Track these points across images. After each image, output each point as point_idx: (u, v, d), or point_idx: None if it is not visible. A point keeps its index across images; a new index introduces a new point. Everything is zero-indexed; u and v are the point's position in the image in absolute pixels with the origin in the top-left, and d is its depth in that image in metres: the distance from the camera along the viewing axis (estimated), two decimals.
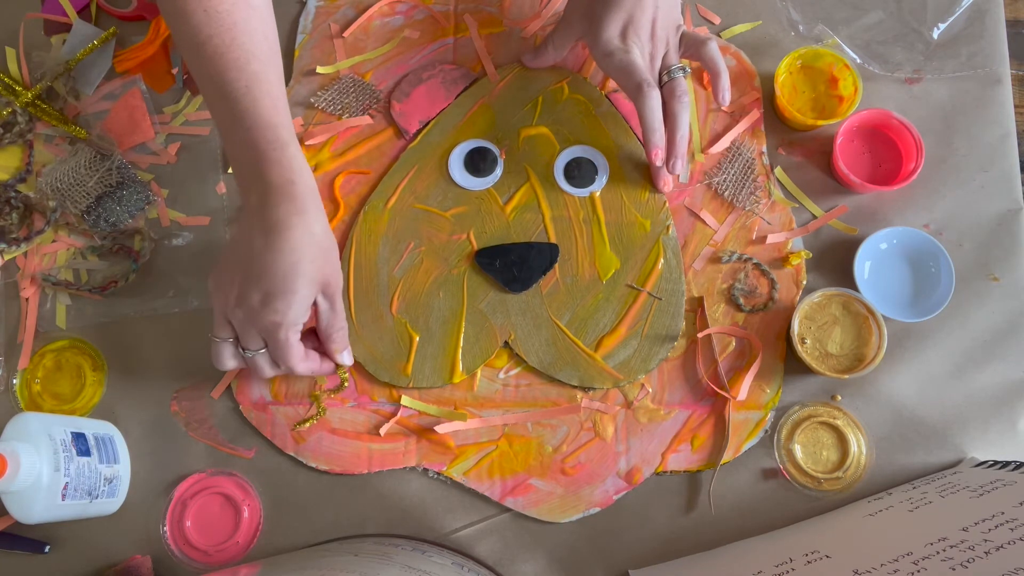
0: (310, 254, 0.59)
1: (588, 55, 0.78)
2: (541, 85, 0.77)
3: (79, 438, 0.65)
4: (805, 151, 0.76)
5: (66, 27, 0.80)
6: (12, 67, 0.80)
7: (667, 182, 0.73)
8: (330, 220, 0.74)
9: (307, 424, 0.70)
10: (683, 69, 0.69)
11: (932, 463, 0.69)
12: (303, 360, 0.63)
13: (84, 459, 0.64)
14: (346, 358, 0.67)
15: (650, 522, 0.69)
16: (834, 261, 0.73)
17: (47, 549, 0.69)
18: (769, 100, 0.77)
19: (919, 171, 0.71)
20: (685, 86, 0.69)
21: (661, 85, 0.69)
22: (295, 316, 0.60)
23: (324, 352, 0.67)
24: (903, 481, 0.69)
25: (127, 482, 0.70)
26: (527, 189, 0.74)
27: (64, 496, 0.62)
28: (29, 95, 0.77)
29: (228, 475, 0.70)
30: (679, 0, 0.71)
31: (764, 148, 0.75)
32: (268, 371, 0.64)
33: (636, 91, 0.67)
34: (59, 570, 0.69)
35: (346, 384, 0.71)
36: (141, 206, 0.75)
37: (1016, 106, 0.77)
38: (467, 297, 0.72)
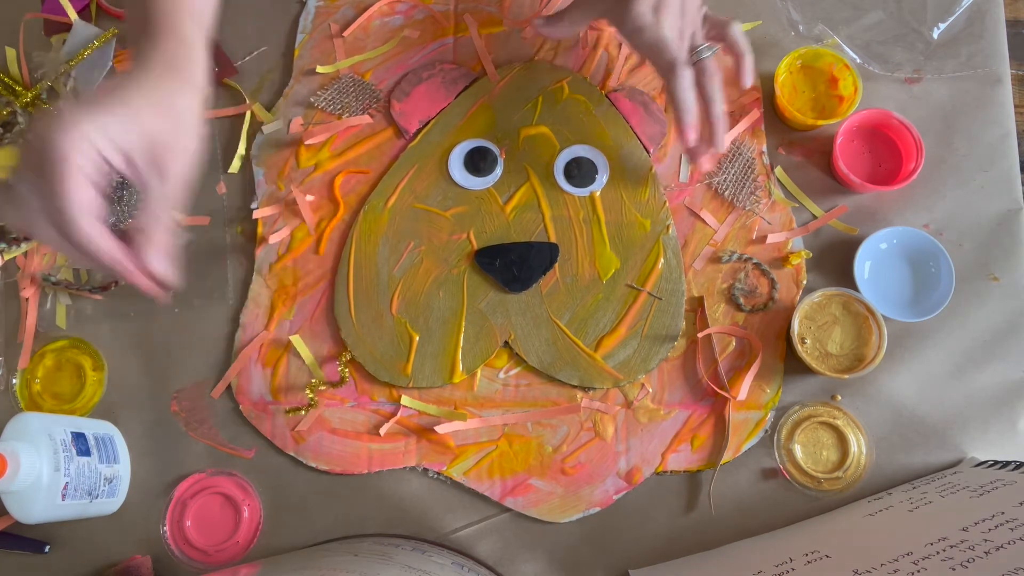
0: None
1: (587, 54, 0.78)
2: (541, 85, 0.77)
3: (79, 438, 0.65)
4: (805, 151, 0.76)
5: (66, 27, 0.80)
6: (12, 67, 0.80)
7: (708, 160, 0.70)
8: (330, 220, 0.74)
9: (300, 413, 0.70)
10: (710, 48, 0.68)
11: (932, 463, 0.69)
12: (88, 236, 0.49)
13: (84, 459, 0.64)
14: (156, 262, 0.53)
15: (650, 522, 0.69)
16: (834, 261, 0.73)
17: (47, 549, 0.69)
18: (769, 100, 0.77)
19: (919, 171, 0.71)
20: (715, 66, 0.67)
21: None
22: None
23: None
24: (903, 481, 0.69)
25: (127, 482, 0.70)
26: (527, 189, 0.74)
27: (64, 496, 0.62)
28: (29, 95, 0.77)
29: (228, 475, 0.70)
30: None
31: (764, 148, 0.75)
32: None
33: (668, 69, 0.65)
34: (59, 570, 0.69)
35: (346, 380, 0.71)
36: None
37: (1016, 106, 0.77)
38: (467, 297, 0.72)
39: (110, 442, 0.68)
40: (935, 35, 0.76)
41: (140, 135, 0.51)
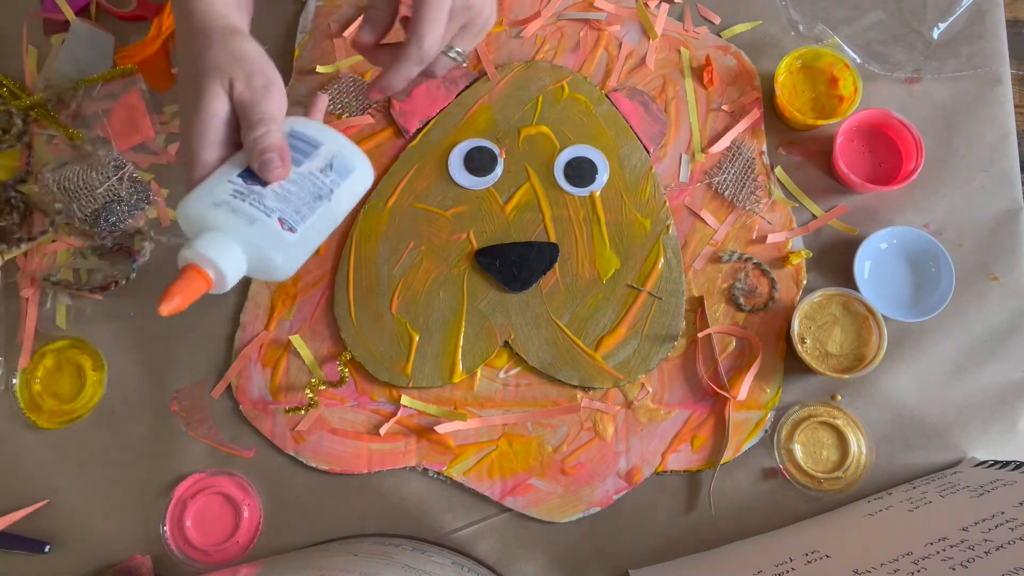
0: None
1: (587, 54, 0.77)
2: (541, 85, 0.77)
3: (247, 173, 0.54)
4: (805, 151, 0.76)
5: (66, 27, 0.80)
6: (15, 71, 0.79)
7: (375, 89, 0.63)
8: None
9: (300, 412, 0.70)
10: (461, 55, 0.63)
11: (932, 463, 0.69)
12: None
13: (275, 183, 0.54)
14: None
15: (650, 522, 0.69)
16: (834, 261, 0.73)
17: (47, 549, 0.69)
18: (769, 100, 0.77)
19: (919, 171, 0.71)
20: (444, 65, 0.63)
21: None
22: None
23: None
24: (903, 481, 0.69)
25: (350, 145, 0.58)
26: (527, 188, 0.74)
27: (287, 226, 0.52)
28: (28, 101, 0.77)
29: (228, 475, 0.70)
30: None
31: (764, 148, 0.75)
32: None
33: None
34: (59, 570, 0.69)
35: (346, 379, 0.71)
36: (141, 206, 0.75)
37: (1016, 106, 0.77)
38: (467, 297, 0.72)
39: (301, 134, 0.57)
40: (935, 35, 0.76)
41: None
